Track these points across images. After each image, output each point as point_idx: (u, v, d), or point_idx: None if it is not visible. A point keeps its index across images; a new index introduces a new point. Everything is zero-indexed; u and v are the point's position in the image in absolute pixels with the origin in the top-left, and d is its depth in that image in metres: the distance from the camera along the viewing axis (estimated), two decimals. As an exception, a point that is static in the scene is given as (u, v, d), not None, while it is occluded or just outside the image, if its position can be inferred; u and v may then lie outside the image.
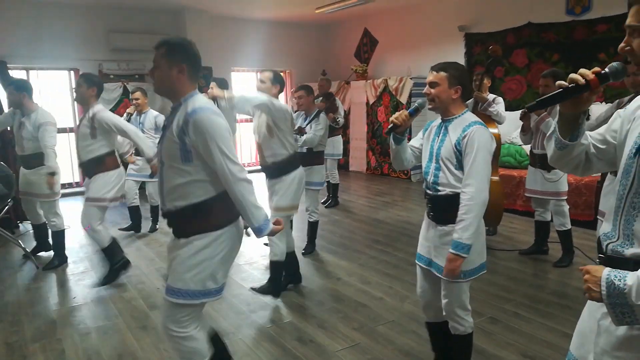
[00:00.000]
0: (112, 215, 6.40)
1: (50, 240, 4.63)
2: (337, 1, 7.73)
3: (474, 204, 2.13)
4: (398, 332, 3.12)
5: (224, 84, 4.41)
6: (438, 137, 2.31)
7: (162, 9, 8.00)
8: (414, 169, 8.14)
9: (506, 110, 4.74)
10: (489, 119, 4.43)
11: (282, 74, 10.15)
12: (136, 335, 3.16)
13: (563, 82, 1.30)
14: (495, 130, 4.41)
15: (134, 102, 5.33)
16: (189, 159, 1.95)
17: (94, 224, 3.91)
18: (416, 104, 2.35)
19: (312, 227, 4.73)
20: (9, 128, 5.22)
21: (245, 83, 9.71)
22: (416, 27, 8.39)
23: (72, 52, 7.57)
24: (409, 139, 2.49)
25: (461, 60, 7.23)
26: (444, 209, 2.27)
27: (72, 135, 7.56)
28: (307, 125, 4.52)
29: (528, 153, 5.94)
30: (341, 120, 6.17)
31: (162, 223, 5.73)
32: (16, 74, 7.03)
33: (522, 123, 4.23)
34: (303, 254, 4.64)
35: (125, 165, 4.51)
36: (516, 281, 3.91)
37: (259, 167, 3.95)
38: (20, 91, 4.20)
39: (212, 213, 2.03)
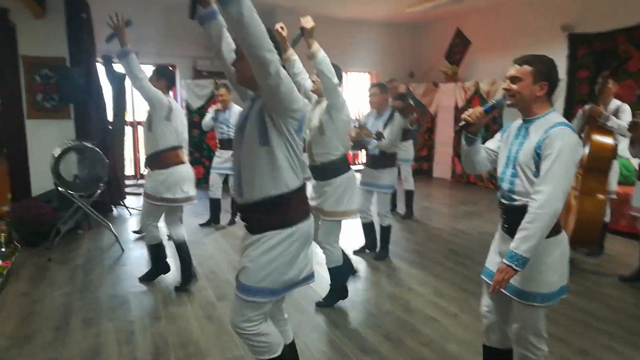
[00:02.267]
0: (198, 207, 6.66)
1: None
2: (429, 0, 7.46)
3: (542, 214, 1.84)
4: (471, 353, 2.86)
5: None
6: (517, 139, 2.05)
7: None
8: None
9: (614, 119, 4.20)
10: (603, 129, 3.94)
11: (368, 74, 10.07)
12: (201, 324, 3.20)
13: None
14: (609, 140, 3.92)
15: (220, 98, 5.49)
16: (266, 141, 1.88)
17: (147, 219, 3.77)
18: (493, 101, 2.10)
19: (385, 232, 4.55)
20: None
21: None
22: (513, 26, 7.84)
23: (170, 48, 7.99)
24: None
25: (563, 63, 6.63)
26: (520, 221, 1.99)
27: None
28: (383, 126, 4.35)
29: (637, 167, 5.31)
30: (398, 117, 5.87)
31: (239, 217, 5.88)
32: (119, 67, 7.56)
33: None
34: (375, 259, 4.48)
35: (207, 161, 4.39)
36: (614, 310, 3.45)
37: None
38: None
39: (287, 208, 1.96)
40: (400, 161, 5.54)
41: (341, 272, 3.49)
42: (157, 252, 3.92)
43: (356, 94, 9.80)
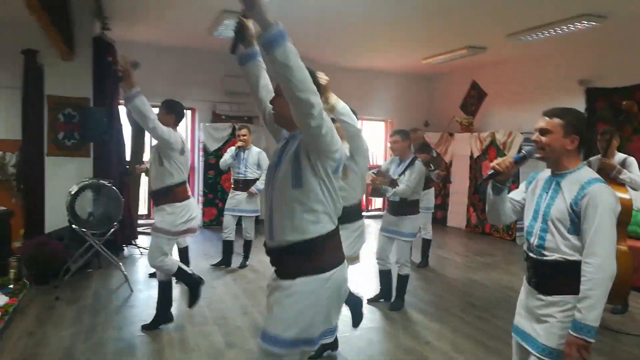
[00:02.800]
0: (206, 247, 6.60)
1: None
2: (445, 52, 7.59)
3: (601, 279, 1.79)
4: (494, 415, 2.67)
5: None
6: (547, 193, 2.00)
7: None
8: (520, 230, 7.45)
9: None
10: (615, 181, 3.89)
11: (384, 122, 10.15)
12: (209, 373, 3.06)
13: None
14: (625, 195, 3.86)
15: (241, 137, 5.54)
16: (300, 183, 1.81)
17: (158, 257, 3.63)
18: (523, 152, 2.06)
19: (402, 281, 4.41)
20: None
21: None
22: (530, 79, 7.91)
23: (190, 93, 8.17)
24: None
25: (581, 115, 6.63)
26: (550, 276, 1.94)
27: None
28: (401, 172, 4.31)
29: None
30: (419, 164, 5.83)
31: (252, 260, 5.78)
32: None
33: None
34: (390, 309, 4.32)
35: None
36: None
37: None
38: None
39: (322, 252, 1.85)
40: (421, 209, 5.47)
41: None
42: (168, 291, 3.81)
43: (372, 142, 9.85)
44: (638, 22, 5.66)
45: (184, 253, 5.14)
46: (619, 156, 4.09)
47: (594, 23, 5.48)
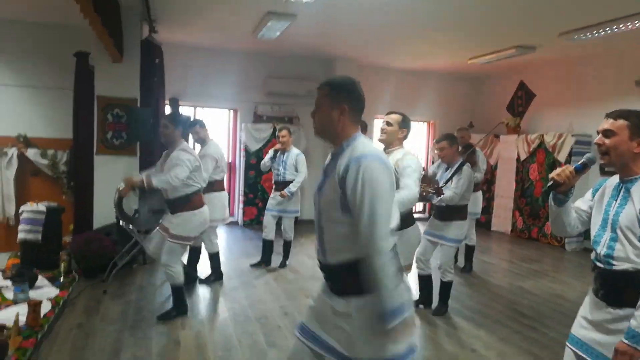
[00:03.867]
0: (246, 246, 6.64)
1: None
2: (492, 52, 7.36)
3: None
4: None
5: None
6: (616, 200, 1.88)
7: (315, 57, 8.42)
8: (572, 236, 7.13)
9: None
10: None
11: (425, 123, 9.97)
12: (251, 372, 3.05)
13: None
14: None
15: (281, 139, 5.52)
16: (348, 209, 1.72)
17: (171, 261, 3.82)
18: (584, 159, 1.94)
19: (445, 288, 4.29)
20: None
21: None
22: (582, 80, 7.57)
23: (232, 93, 8.27)
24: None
25: (638, 117, 6.28)
26: (620, 288, 1.81)
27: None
28: (449, 178, 4.19)
29: None
30: (479, 175, 5.61)
31: (292, 260, 5.77)
32: (185, 109, 7.88)
33: None
34: (433, 314, 4.20)
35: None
36: None
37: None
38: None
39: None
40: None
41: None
42: (180, 292, 3.98)
43: (415, 143, 9.70)
44: None
45: (195, 253, 5.16)
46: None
47: (653, 20, 5.18)
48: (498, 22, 5.85)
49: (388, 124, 3.25)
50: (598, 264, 1.91)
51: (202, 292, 4.68)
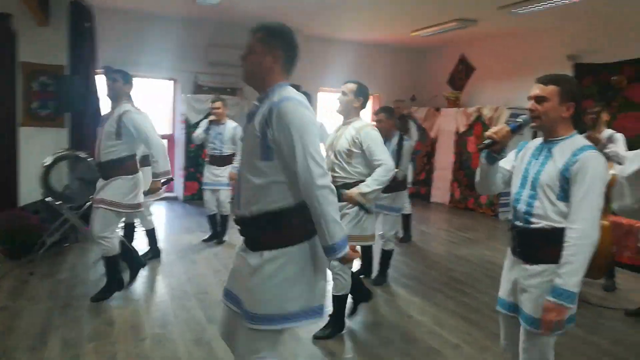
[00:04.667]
0: (187, 222, 6.49)
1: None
2: (434, 24, 7.43)
3: (584, 244, 1.77)
4: (474, 389, 2.68)
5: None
6: (536, 159, 1.96)
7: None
8: (503, 206, 7.49)
9: (622, 148, 4.11)
10: None
11: (371, 96, 10.02)
12: (189, 348, 3.01)
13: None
14: (610, 171, 3.85)
15: (214, 110, 5.33)
16: (269, 156, 1.71)
17: (106, 231, 3.57)
18: (520, 120, 2.02)
19: (386, 256, 4.39)
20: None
21: (330, 103, 9.64)
22: (518, 54, 7.82)
23: (171, 62, 7.90)
24: None
25: (567, 91, 6.59)
26: (537, 245, 1.92)
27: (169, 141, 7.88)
28: (392, 153, 4.25)
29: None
30: (408, 144, 5.67)
31: (231, 235, 5.70)
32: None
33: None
34: (373, 284, 4.30)
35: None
36: (624, 346, 3.28)
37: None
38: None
39: (290, 225, 1.77)
40: None
41: (344, 302, 3.29)
42: (115, 264, 3.74)
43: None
44: (628, -4, 5.59)
45: (130, 229, 4.85)
46: (607, 132, 4.08)
47: (586, -5, 5.38)
48: (439, -6, 5.90)
49: (343, 93, 3.24)
50: (517, 222, 1.99)
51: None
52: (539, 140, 2.04)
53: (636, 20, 6.07)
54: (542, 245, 1.90)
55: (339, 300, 3.25)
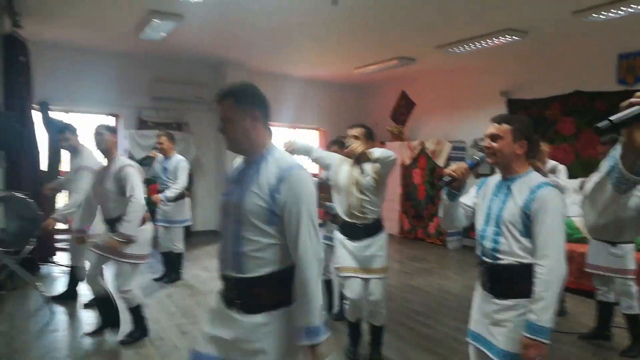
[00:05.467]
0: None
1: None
2: (376, 62, 7.75)
3: (553, 280, 1.85)
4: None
5: None
6: (497, 197, 2.05)
7: (203, 61, 8.12)
8: (451, 235, 7.74)
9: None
10: None
11: (317, 131, 10.16)
12: (150, 401, 2.81)
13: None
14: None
15: (158, 145, 5.26)
16: (274, 221, 1.67)
17: (130, 286, 3.53)
18: (477, 158, 2.12)
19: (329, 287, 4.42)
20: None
21: (276, 137, 9.67)
22: (456, 90, 8.29)
23: (113, 97, 7.64)
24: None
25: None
26: (506, 280, 1.98)
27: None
28: None
29: (578, 225, 5.55)
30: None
31: (186, 274, 5.49)
32: (57, 115, 7.04)
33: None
34: (335, 319, 4.25)
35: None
36: (579, 370, 3.43)
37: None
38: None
39: (289, 285, 1.70)
40: None
41: None
42: (110, 303, 3.64)
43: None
44: (555, 39, 6.12)
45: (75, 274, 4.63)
46: (551, 163, 4.35)
47: (516, 37, 5.84)
48: (380, 34, 6.19)
49: (355, 137, 3.24)
50: (485, 258, 2.05)
51: (86, 316, 4.23)
52: (498, 177, 2.14)
53: (561, 59, 6.65)
54: (511, 281, 1.96)
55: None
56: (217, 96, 1.76)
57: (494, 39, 5.96)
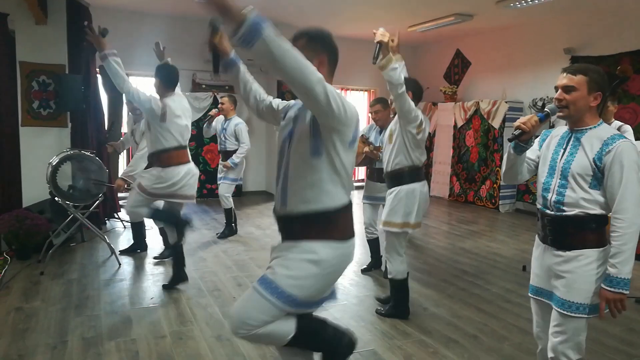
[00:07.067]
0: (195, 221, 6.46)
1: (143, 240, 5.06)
2: (431, 19, 7.47)
3: (632, 232, 1.83)
4: (497, 377, 2.71)
5: None
6: (564, 149, 1.99)
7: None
8: (504, 198, 7.57)
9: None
10: None
11: (367, 92, 10.04)
12: (210, 344, 3.01)
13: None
14: None
15: (220, 106, 5.45)
16: (318, 152, 1.75)
17: (136, 209, 3.88)
18: (547, 110, 2.04)
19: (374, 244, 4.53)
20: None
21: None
22: (515, 48, 7.90)
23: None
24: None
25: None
26: (570, 232, 1.95)
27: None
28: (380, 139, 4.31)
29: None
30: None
31: (240, 230, 5.72)
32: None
33: None
34: (385, 277, 4.30)
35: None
36: (637, 333, 3.34)
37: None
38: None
39: (334, 224, 1.81)
40: None
41: (402, 287, 3.48)
42: (139, 229, 4.82)
43: (359, 110, 9.78)
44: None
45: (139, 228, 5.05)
46: (615, 123, 4.12)
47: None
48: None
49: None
50: (547, 211, 2.02)
51: (150, 268, 4.52)
52: (563, 128, 2.07)
53: (632, 13, 6.17)
54: (575, 232, 1.93)
55: (394, 286, 3.49)
56: (293, 35, 1.82)
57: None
